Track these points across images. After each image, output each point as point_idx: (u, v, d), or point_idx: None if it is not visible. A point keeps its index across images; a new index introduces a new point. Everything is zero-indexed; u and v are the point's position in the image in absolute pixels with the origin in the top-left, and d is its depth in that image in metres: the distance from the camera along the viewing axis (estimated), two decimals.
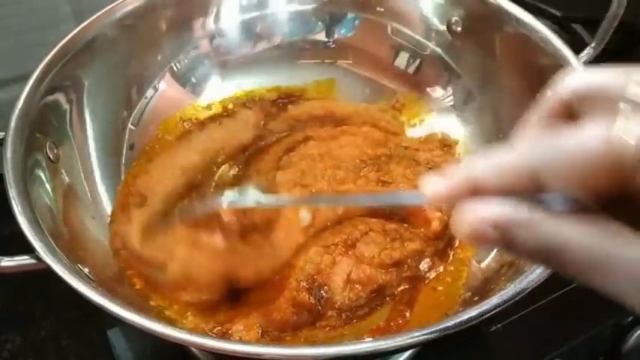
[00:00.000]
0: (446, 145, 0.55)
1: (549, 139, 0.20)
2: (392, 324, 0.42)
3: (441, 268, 0.46)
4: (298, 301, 0.42)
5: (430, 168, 0.52)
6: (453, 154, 0.54)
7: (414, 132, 0.57)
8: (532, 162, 0.20)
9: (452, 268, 0.47)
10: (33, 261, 0.35)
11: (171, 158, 0.52)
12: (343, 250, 0.45)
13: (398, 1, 0.57)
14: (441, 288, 0.46)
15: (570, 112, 0.22)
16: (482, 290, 0.42)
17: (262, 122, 0.57)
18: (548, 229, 0.19)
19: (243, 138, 0.56)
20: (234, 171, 0.54)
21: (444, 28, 0.55)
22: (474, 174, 0.21)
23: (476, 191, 0.21)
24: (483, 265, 0.45)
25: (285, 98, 0.58)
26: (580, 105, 0.22)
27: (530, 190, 0.20)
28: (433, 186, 0.23)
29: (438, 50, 0.56)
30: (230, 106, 0.58)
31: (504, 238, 0.20)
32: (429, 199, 0.23)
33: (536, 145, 0.20)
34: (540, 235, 0.20)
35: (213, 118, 0.57)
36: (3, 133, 0.40)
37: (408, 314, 0.43)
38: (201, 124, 0.56)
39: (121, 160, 0.51)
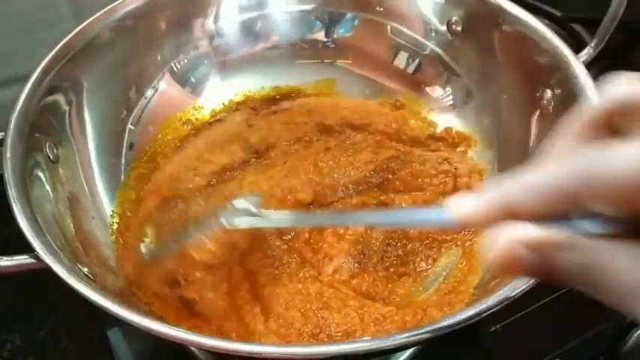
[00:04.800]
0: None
1: (593, 153, 0.18)
2: None
3: None
4: None
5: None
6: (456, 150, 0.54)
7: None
8: (574, 180, 0.18)
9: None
10: (33, 261, 0.35)
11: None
12: None
13: (398, 1, 0.57)
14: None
15: (611, 125, 0.21)
16: (482, 290, 0.42)
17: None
18: (592, 250, 0.18)
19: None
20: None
21: (443, 27, 0.55)
22: (508, 196, 0.19)
23: (510, 215, 0.19)
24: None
25: (283, 98, 0.58)
26: (624, 117, 0.20)
27: (567, 212, 0.18)
28: (462, 207, 0.21)
29: (438, 50, 0.56)
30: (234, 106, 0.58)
31: (544, 261, 0.18)
32: (457, 221, 0.21)
33: (578, 161, 0.18)
34: (583, 256, 0.18)
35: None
36: (3, 133, 0.40)
37: None
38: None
39: (121, 160, 0.52)
